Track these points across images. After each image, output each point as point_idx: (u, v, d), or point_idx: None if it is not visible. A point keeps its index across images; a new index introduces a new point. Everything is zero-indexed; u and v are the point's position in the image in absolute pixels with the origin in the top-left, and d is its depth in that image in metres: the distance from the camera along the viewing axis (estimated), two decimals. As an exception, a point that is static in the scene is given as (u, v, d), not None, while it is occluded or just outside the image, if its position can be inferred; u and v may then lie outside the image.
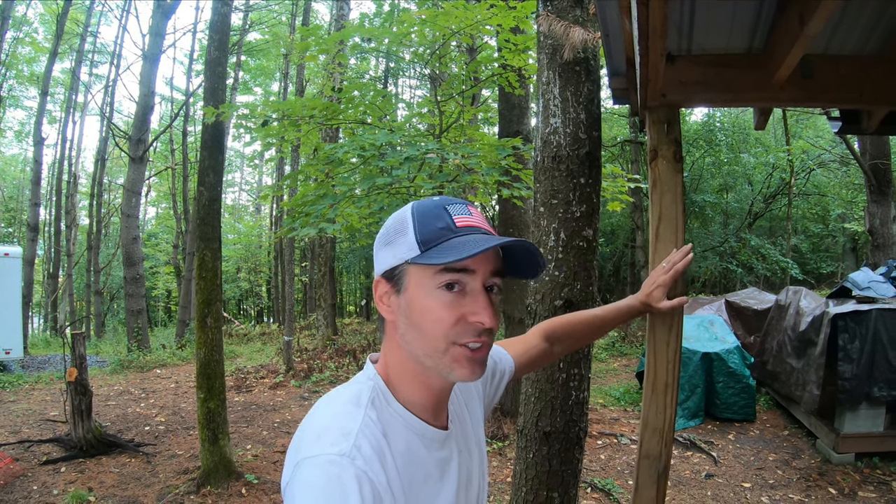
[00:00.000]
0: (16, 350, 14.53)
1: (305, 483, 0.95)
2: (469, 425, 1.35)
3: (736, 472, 6.62)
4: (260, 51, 27.43)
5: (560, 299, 2.97)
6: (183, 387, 12.23)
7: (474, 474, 1.30)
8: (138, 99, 17.02)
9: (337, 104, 6.55)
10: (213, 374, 6.44)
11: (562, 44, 2.96)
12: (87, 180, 33.85)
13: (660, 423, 2.28)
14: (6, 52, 22.37)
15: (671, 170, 2.31)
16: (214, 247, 6.48)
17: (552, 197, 3.00)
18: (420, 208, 1.13)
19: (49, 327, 29.08)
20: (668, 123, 2.34)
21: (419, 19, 6.15)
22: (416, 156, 5.24)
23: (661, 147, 2.33)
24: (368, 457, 0.99)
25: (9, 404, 10.51)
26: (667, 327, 2.25)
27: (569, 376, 3.00)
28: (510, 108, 8.15)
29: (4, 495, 6.29)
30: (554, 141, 3.00)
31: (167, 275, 34.58)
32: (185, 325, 19.72)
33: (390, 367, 1.18)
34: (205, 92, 7.06)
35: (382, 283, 1.15)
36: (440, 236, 1.07)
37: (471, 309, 1.08)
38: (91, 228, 26.43)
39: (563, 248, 2.98)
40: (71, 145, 27.70)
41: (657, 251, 2.27)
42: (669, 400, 2.27)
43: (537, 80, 3.21)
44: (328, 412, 1.10)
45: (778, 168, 20.18)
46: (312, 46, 6.96)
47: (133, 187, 16.53)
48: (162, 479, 6.83)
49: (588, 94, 3.03)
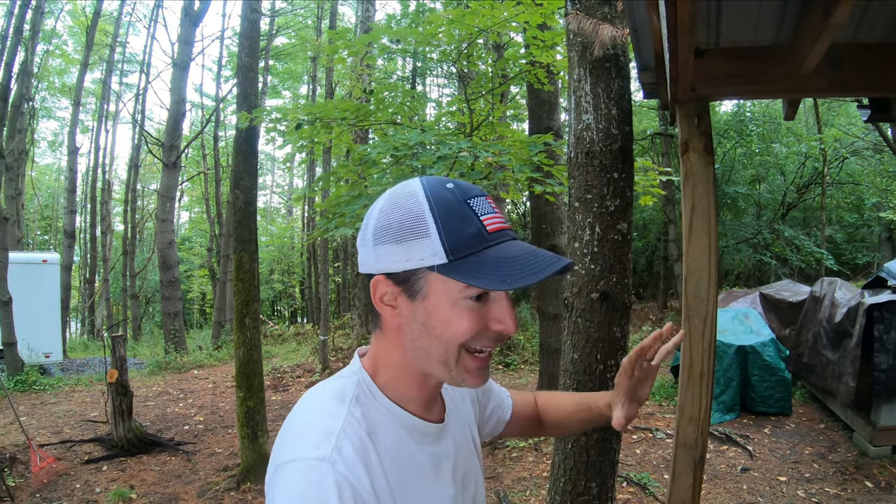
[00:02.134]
0: (55, 353, 14.85)
1: (284, 488, 0.92)
2: (465, 421, 1.30)
3: (772, 466, 6.55)
4: (288, 55, 27.68)
5: (596, 292, 3.02)
6: (220, 387, 12.41)
7: (471, 474, 1.23)
8: (170, 106, 17.32)
9: (367, 105, 6.62)
10: (252, 373, 6.55)
11: (591, 41, 3.00)
12: (121, 187, 34.46)
13: (696, 411, 2.31)
14: (38, 65, 22.74)
15: (702, 162, 2.34)
16: (251, 249, 6.60)
17: (586, 192, 3.05)
18: (438, 201, 0.99)
19: (87, 331, 29.59)
20: (699, 116, 2.37)
21: (446, 19, 6.21)
22: (449, 154, 5.29)
23: (691, 140, 2.36)
24: (350, 460, 0.94)
25: (50, 406, 10.75)
26: (702, 317, 2.29)
27: (606, 367, 3.05)
28: (540, 104, 8.17)
29: (48, 493, 6.46)
30: (587, 137, 3.05)
31: (201, 277, 35.05)
32: (220, 326, 19.98)
33: (382, 364, 1.11)
34: (237, 97, 7.18)
35: (386, 283, 1.03)
36: (473, 245, 0.97)
37: (496, 316, 1.01)
38: (126, 234, 26.87)
39: (599, 242, 3.02)
40: (104, 153, 28.24)
41: (691, 242, 2.31)
42: (705, 388, 2.29)
43: (568, 78, 3.25)
44: (311, 410, 1.05)
45: (810, 157, 19.76)
46: (341, 49, 7.06)
47: (167, 192, 16.82)
48: (202, 476, 6.96)
49: (619, 89, 3.07)
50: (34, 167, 34.11)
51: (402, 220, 0.99)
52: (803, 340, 8.34)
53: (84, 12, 25.81)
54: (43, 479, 6.78)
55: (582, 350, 3.08)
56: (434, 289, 0.99)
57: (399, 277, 1.01)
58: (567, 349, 3.16)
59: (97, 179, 27.87)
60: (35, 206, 37.60)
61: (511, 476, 6.53)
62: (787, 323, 10.01)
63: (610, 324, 3.05)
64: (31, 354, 13.55)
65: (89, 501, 6.30)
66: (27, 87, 16.36)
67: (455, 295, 0.98)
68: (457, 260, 0.95)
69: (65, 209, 24.53)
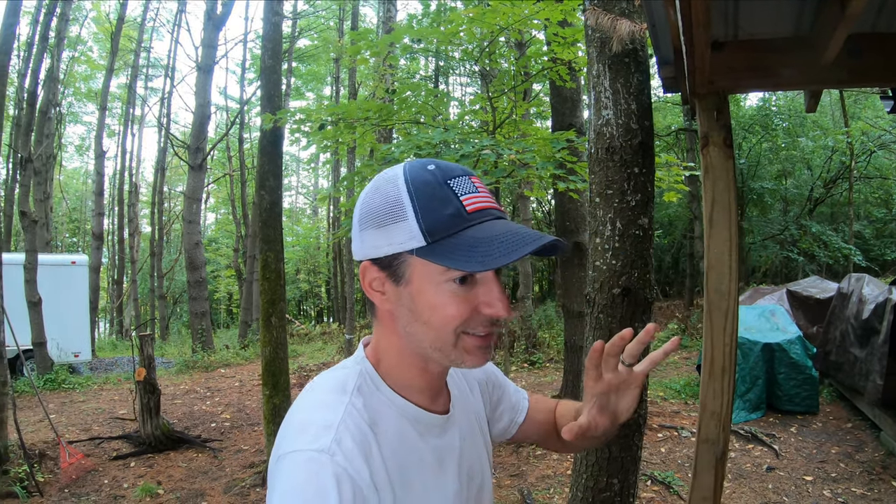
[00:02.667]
0: (84, 353, 15.12)
1: (283, 481, 0.91)
2: (473, 412, 1.27)
3: (798, 466, 6.48)
4: (310, 56, 27.84)
5: (618, 287, 3.03)
6: (247, 385, 12.52)
7: (476, 467, 1.20)
8: (195, 109, 17.51)
9: (390, 105, 6.66)
10: (278, 371, 6.59)
11: (609, 37, 3.00)
12: (148, 190, 34.85)
13: (717, 406, 2.30)
14: (64, 71, 23.08)
15: (722, 156, 2.33)
16: (277, 248, 6.64)
17: (607, 187, 3.05)
18: (417, 184, 0.98)
19: (115, 331, 29.96)
20: (718, 110, 2.37)
21: (467, 18, 6.23)
22: (472, 152, 5.31)
23: (711, 133, 2.35)
24: (349, 451, 0.92)
25: (79, 404, 10.93)
26: (723, 312, 2.29)
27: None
28: (562, 101, 8.18)
29: (77, 489, 6.58)
30: (607, 132, 3.05)
31: (228, 278, 35.43)
32: (247, 325, 20.15)
33: (383, 352, 1.09)
34: (261, 99, 7.24)
35: (372, 269, 1.03)
36: (450, 226, 0.95)
37: (485, 299, 0.99)
38: (153, 235, 27.23)
39: (620, 238, 3.02)
40: (131, 157, 28.59)
41: (712, 237, 2.30)
42: (727, 384, 2.29)
43: (587, 73, 3.25)
44: (312, 401, 1.04)
45: (837, 151, 19.53)
46: (363, 50, 7.10)
47: (193, 194, 17.01)
48: (228, 472, 7.03)
49: (638, 84, 3.07)
50: (62, 171, 34.61)
51: (381, 204, 1.00)
52: (830, 338, 8.26)
53: (108, 18, 26.20)
54: (72, 474, 6.89)
55: (603, 346, 3.04)
56: (416, 273, 0.98)
57: (383, 262, 1.01)
58: (588, 345, 3.14)
59: (124, 182, 28.24)
60: (63, 210, 38.20)
61: (535, 474, 6.53)
62: (815, 320, 9.91)
63: (632, 319, 3.03)
64: (60, 354, 13.83)
65: (117, 497, 6.40)
66: (54, 93, 16.61)
67: (437, 278, 0.97)
68: (434, 242, 0.95)
69: (92, 212, 24.87)
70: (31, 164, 13.78)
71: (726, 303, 2.27)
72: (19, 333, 7.75)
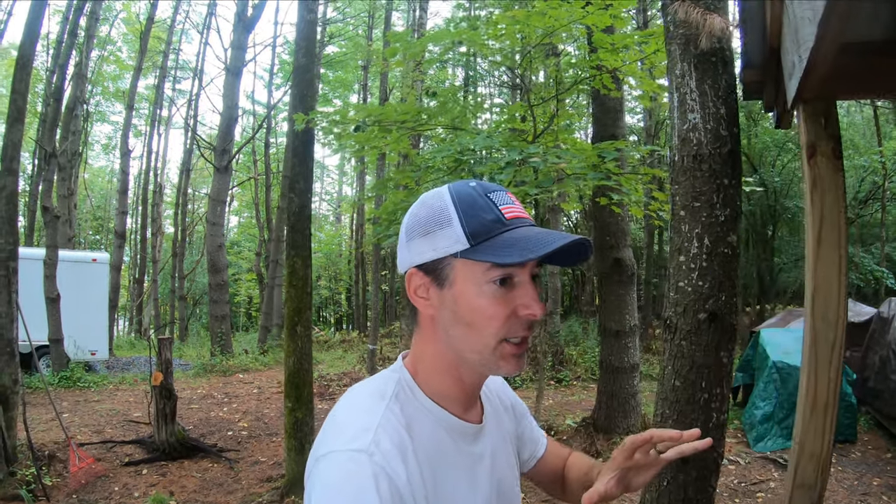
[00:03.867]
0: (101, 351, 15.18)
1: (323, 479, 0.93)
2: (506, 431, 1.31)
3: (840, 498, 6.22)
4: (339, 62, 27.93)
5: (704, 312, 2.76)
6: (265, 392, 12.37)
7: (506, 484, 1.22)
8: (222, 111, 17.57)
9: (428, 109, 6.44)
10: (302, 383, 6.38)
11: (696, 33, 2.75)
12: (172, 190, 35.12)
13: (818, 448, 2.14)
14: (92, 70, 23.26)
15: (832, 167, 2.13)
16: (305, 254, 6.46)
17: (694, 199, 2.79)
18: (461, 196, 1.06)
19: (134, 330, 30.15)
20: (826, 117, 2.16)
21: (511, 20, 5.98)
22: (517, 160, 5.08)
23: (819, 143, 2.15)
24: (387, 452, 0.96)
25: (93, 404, 10.83)
26: (829, 343, 2.12)
27: (711, 396, 2.76)
28: (605, 111, 7.96)
29: (85, 495, 6.38)
30: (693, 138, 2.78)
31: (249, 281, 35.69)
32: (266, 331, 20.21)
33: (420, 361, 1.14)
34: (293, 98, 7.11)
35: (419, 275, 1.09)
36: (491, 230, 1.02)
37: (522, 301, 1.04)
38: (176, 236, 27.40)
39: (708, 256, 2.76)
40: (156, 157, 28.80)
41: (819, 258, 2.11)
42: (829, 423, 2.12)
43: (669, 74, 3.00)
44: (351, 406, 1.08)
45: (870, 171, 19.24)
46: (399, 52, 6.89)
47: (218, 196, 16.97)
48: (244, 486, 6.81)
49: (726, 86, 2.82)
50: (87, 169, 34.95)
51: (428, 215, 1.07)
52: (869, 364, 8.08)
53: (138, 19, 26.43)
54: (81, 479, 6.71)
55: (685, 377, 2.80)
56: (460, 275, 1.04)
57: (428, 268, 1.07)
58: (668, 375, 2.87)
59: (149, 182, 28.42)
60: (88, 207, 38.56)
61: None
62: (849, 345, 9.59)
63: (717, 348, 2.78)
64: (77, 351, 13.81)
65: (127, 506, 6.20)
66: (81, 91, 16.68)
67: (479, 278, 1.02)
68: (477, 244, 1.01)
69: (116, 210, 24.98)
70: (56, 160, 13.82)
71: (833, 333, 2.10)
72: (37, 329, 7.66)
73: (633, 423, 7.77)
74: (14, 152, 7.30)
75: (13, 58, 30.18)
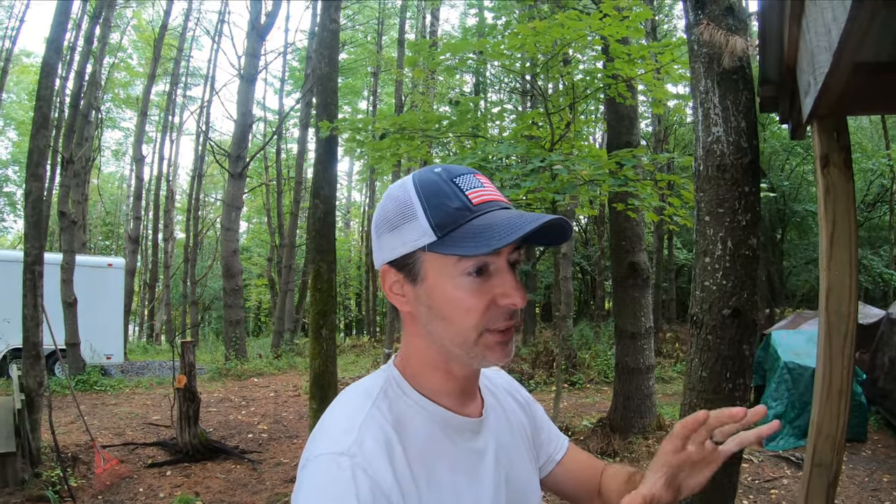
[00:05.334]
0: (116, 355, 15.38)
1: (306, 483, 0.92)
2: (515, 424, 1.25)
3: (851, 494, 6.34)
4: (349, 69, 28.10)
5: (728, 308, 2.97)
6: (282, 396, 12.47)
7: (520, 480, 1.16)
8: (237, 118, 17.70)
9: (450, 116, 6.59)
10: (327, 385, 6.50)
11: (719, 52, 2.95)
12: (182, 196, 35.37)
13: (833, 430, 2.30)
14: (104, 77, 23.51)
15: (843, 177, 2.32)
16: (330, 259, 6.58)
17: (718, 206, 2.99)
18: (424, 185, 1.01)
19: (146, 335, 30.30)
20: (837, 131, 2.36)
21: (532, 31, 6.13)
22: (541, 166, 5.23)
23: (832, 154, 2.34)
24: (370, 452, 0.93)
25: (111, 407, 10.92)
26: (842, 334, 2.29)
27: (735, 386, 2.98)
28: (619, 118, 8.08)
29: (111, 496, 6.42)
30: (717, 150, 2.99)
31: (259, 287, 35.78)
32: (279, 335, 20.30)
33: (408, 357, 1.10)
34: (317, 107, 7.21)
35: (391, 272, 1.05)
36: (458, 218, 0.97)
37: (501, 290, 0.99)
38: (188, 241, 27.57)
39: (731, 257, 2.97)
40: (168, 163, 29.00)
41: (832, 258, 2.30)
42: (843, 406, 2.29)
43: (693, 90, 3.19)
44: (339, 407, 1.05)
45: (878, 174, 19.34)
46: (419, 61, 7.06)
47: (232, 202, 17.12)
48: (269, 486, 6.87)
49: (746, 102, 3.03)
50: (98, 175, 35.21)
51: (394, 208, 1.02)
52: (878, 364, 8.16)
53: (150, 26, 26.71)
54: (106, 480, 6.77)
55: (712, 368, 3.01)
56: (431, 269, 1.00)
57: (399, 264, 1.03)
58: (695, 367, 3.08)
59: (160, 188, 28.62)
60: (98, 212, 38.84)
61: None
62: (859, 346, 9.72)
63: (740, 342, 2.99)
64: (93, 355, 14.03)
65: (153, 507, 6.28)
66: (94, 97, 16.88)
67: (451, 271, 0.98)
68: (444, 235, 0.96)
69: (128, 215, 25.21)
70: (72, 166, 13.96)
71: (846, 325, 2.28)
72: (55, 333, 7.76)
73: (649, 423, 7.88)
74: (40, 158, 7.37)
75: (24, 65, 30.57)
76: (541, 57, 6.96)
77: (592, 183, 5.94)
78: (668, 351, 16.24)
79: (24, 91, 31.43)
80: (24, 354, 6.79)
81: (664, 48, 6.22)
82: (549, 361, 13.54)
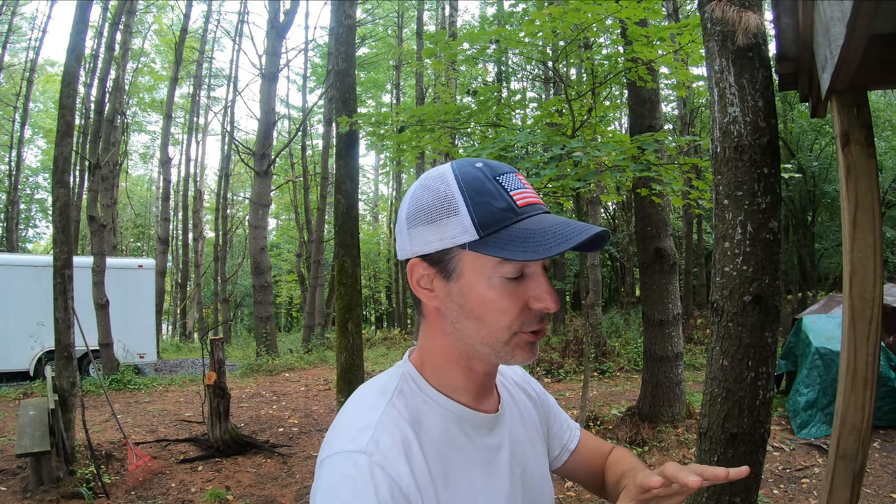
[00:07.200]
0: (149, 354, 15.63)
1: (324, 482, 0.91)
2: (528, 419, 1.25)
3: (884, 482, 6.15)
4: (371, 63, 28.18)
5: (749, 294, 2.87)
6: (312, 390, 12.55)
7: (534, 476, 1.17)
8: (260, 116, 17.84)
9: (470, 106, 6.56)
10: (354, 378, 6.55)
11: (733, 30, 2.87)
12: (210, 196, 35.74)
13: (858, 420, 2.21)
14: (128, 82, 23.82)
15: (864, 154, 2.22)
16: (353, 253, 6.62)
17: (736, 189, 2.90)
18: (467, 180, 0.98)
19: (179, 333, 30.72)
20: (858, 106, 2.25)
21: (549, 17, 6.08)
22: (561, 154, 5.18)
23: (852, 131, 2.24)
24: (387, 450, 0.92)
25: (145, 405, 11.09)
26: (867, 320, 2.19)
27: (757, 375, 2.88)
28: (640, 102, 7.97)
29: (144, 491, 6.52)
30: (734, 130, 2.90)
31: (289, 283, 36.15)
32: (310, 330, 20.48)
33: (427, 353, 1.08)
34: (336, 102, 7.23)
35: (421, 265, 1.02)
36: (503, 220, 0.95)
37: (534, 294, 0.98)
38: (217, 240, 27.86)
39: (751, 242, 2.87)
40: (195, 164, 29.35)
41: (855, 241, 2.21)
42: (869, 396, 2.20)
43: (707, 69, 3.11)
44: (354, 405, 1.04)
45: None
46: (438, 52, 7.02)
47: (259, 200, 17.25)
48: (298, 479, 6.93)
49: (763, 80, 2.92)
50: (127, 178, 35.70)
51: (432, 200, 0.99)
52: (909, 348, 7.92)
53: (171, 30, 27.00)
54: (138, 476, 6.88)
55: (733, 356, 2.92)
56: (468, 267, 0.98)
57: (433, 259, 1.00)
58: (716, 356, 2.99)
59: (188, 189, 28.96)
60: (128, 215, 39.41)
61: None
62: (891, 329, 9.51)
63: (762, 329, 2.88)
64: (126, 355, 14.34)
65: (185, 501, 6.34)
66: (119, 102, 17.07)
67: (489, 272, 0.97)
68: (487, 235, 0.94)
69: (157, 217, 25.53)
70: (100, 171, 14.16)
71: (870, 310, 2.18)
72: (88, 334, 7.89)
73: (678, 411, 7.79)
74: (65, 165, 7.46)
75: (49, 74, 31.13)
76: (560, 43, 6.88)
77: (616, 169, 5.88)
78: (699, 337, 16.01)
79: (51, 100, 32.05)
80: (57, 356, 6.92)
81: (682, 28, 6.12)
82: (578, 350, 13.46)
